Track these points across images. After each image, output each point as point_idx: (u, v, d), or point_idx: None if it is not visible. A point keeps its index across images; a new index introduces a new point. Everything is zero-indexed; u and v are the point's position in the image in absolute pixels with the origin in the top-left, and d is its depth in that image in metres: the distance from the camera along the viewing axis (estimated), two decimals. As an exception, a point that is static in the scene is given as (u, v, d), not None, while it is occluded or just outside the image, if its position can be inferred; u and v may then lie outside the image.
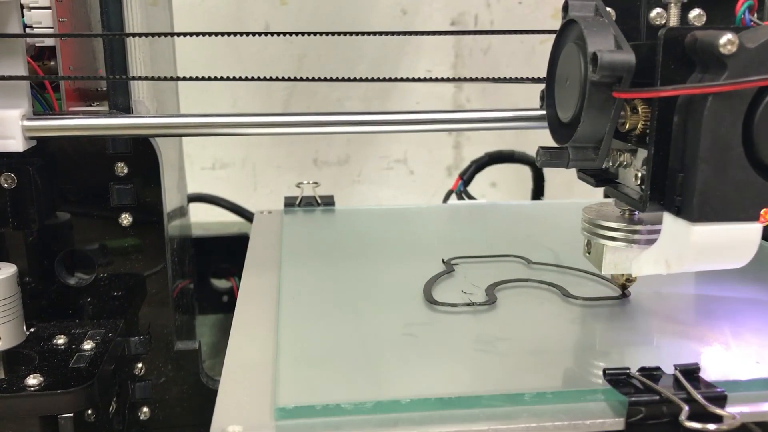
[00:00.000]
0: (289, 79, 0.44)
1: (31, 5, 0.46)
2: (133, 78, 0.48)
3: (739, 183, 0.32)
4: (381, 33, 0.46)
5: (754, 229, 0.33)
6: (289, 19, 1.00)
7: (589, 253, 0.42)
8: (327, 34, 0.44)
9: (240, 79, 0.44)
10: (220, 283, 0.76)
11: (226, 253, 0.74)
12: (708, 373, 0.34)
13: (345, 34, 0.45)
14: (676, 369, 0.34)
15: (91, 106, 0.50)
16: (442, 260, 0.50)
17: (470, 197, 0.74)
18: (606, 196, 0.41)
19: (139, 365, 0.51)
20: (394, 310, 0.44)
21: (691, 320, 0.43)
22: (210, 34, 0.44)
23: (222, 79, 0.44)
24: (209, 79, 0.44)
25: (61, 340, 0.44)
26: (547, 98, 0.40)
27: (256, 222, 0.64)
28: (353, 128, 0.46)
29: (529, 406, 0.33)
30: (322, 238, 0.59)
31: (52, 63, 0.48)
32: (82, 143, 0.48)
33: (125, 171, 0.48)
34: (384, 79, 0.47)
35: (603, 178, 0.40)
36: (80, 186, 0.48)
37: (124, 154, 0.48)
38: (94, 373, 0.41)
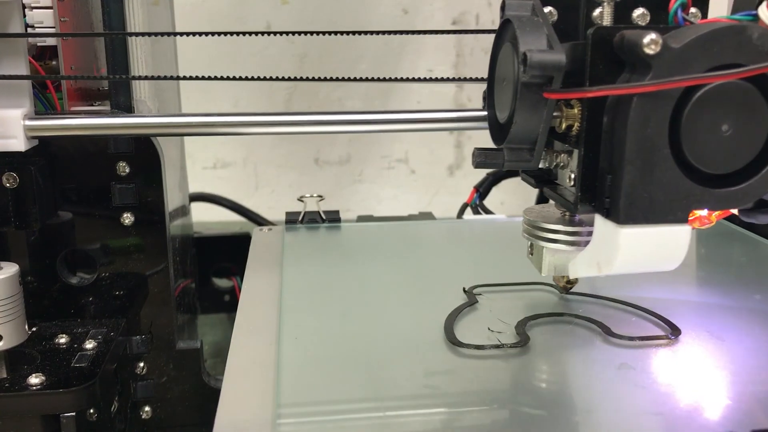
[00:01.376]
0: (291, 78, 0.44)
1: (32, 5, 0.46)
2: (135, 78, 0.48)
3: (667, 184, 0.32)
4: (382, 32, 0.46)
5: (684, 231, 0.32)
6: (291, 19, 1.00)
7: (531, 255, 0.41)
8: (328, 33, 0.44)
9: (241, 78, 0.43)
10: (222, 283, 0.76)
11: (228, 253, 0.74)
12: None
13: (346, 33, 0.45)
14: None
15: (92, 105, 0.50)
16: (464, 289, 0.47)
17: (487, 211, 0.70)
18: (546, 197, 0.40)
19: (141, 364, 0.51)
20: (412, 352, 0.39)
21: (759, 364, 0.38)
22: (211, 33, 0.44)
23: (223, 78, 0.44)
24: (211, 78, 0.44)
25: (62, 340, 0.44)
26: (488, 99, 0.39)
27: (254, 241, 0.59)
28: (354, 127, 0.46)
29: None
30: (328, 261, 0.54)
31: (54, 63, 0.48)
32: (83, 143, 0.48)
33: (127, 170, 0.48)
34: (385, 79, 0.47)
35: (544, 179, 0.39)
36: (82, 185, 0.48)
37: (126, 154, 0.48)
38: (96, 373, 0.41)
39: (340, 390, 0.36)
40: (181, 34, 0.45)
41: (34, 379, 0.39)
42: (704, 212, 0.39)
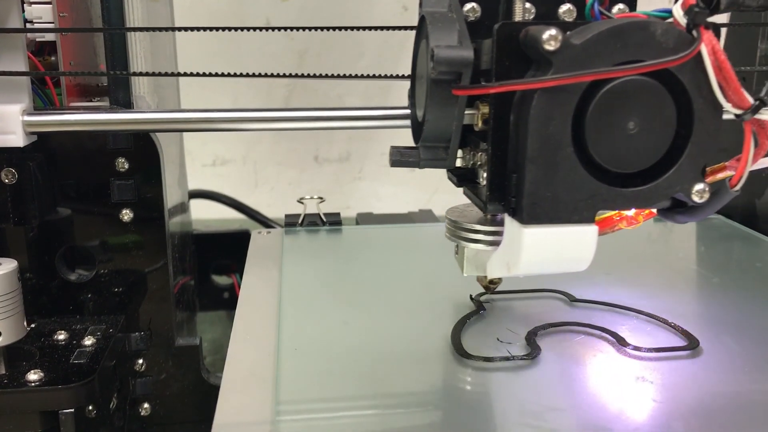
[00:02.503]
0: (290, 75, 0.44)
1: (31, 0, 0.45)
2: (134, 74, 0.48)
3: (571, 184, 0.31)
4: (382, 28, 0.46)
5: (590, 231, 0.32)
6: (290, 15, 1.00)
7: (457, 254, 0.41)
8: (328, 29, 0.44)
9: (241, 75, 0.43)
10: (221, 280, 0.76)
11: (227, 250, 0.74)
12: None
13: (346, 29, 0.45)
14: None
15: (91, 101, 0.50)
16: (470, 296, 0.46)
17: None
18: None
19: (140, 361, 0.51)
20: (417, 365, 0.38)
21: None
22: (210, 29, 0.43)
23: (223, 75, 0.43)
24: (210, 75, 0.44)
25: (61, 336, 0.44)
26: (410, 97, 0.39)
27: (252, 245, 0.57)
28: (354, 124, 0.46)
29: None
30: (328, 268, 0.53)
31: (53, 58, 0.48)
32: (82, 139, 0.47)
33: (126, 167, 0.48)
34: (385, 77, 0.47)
35: (467, 178, 0.38)
36: (81, 181, 0.48)
37: (125, 150, 0.48)
38: (95, 369, 0.41)
39: (339, 391, 0.35)
40: (181, 29, 0.45)
41: (33, 376, 0.39)
42: (631, 212, 0.39)
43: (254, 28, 0.44)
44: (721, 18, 0.48)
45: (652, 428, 0.33)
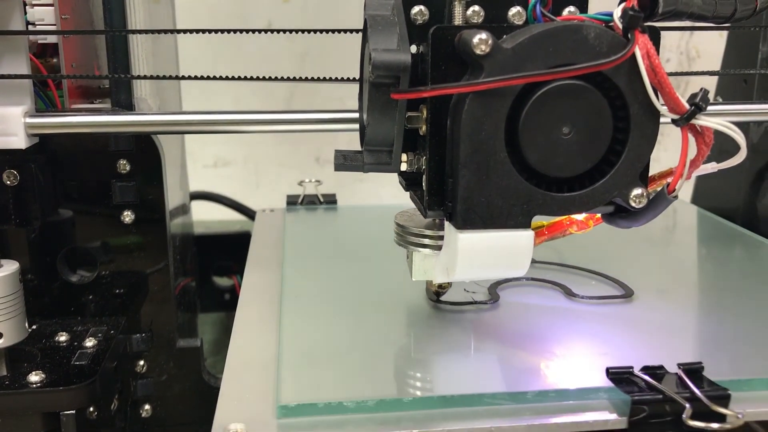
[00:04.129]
0: (292, 79, 0.44)
1: (33, 2, 0.46)
2: (136, 77, 0.48)
3: (505, 189, 0.31)
4: (383, 31, 0.46)
5: (525, 236, 0.32)
6: (292, 17, 1.00)
7: (408, 258, 0.41)
8: (329, 31, 0.44)
9: (242, 78, 0.43)
10: (222, 281, 0.76)
11: (228, 251, 0.74)
12: (712, 372, 0.34)
13: (347, 31, 0.45)
14: (679, 368, 0.34)
15: (93, 103, 0.50)
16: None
17: None
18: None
19: (141, 362, 0.51)
20: (397, 308, 0.44)
21: (695, 318, 0.44)
22: (212, 31, 0.44)
23: (224, 78, 0.44)
24: (211, 78, 0.44)
25: (63, 338, 0.44)
26: (359, 100, 0.39)
27: (258, 220, 0.64)
28: (355, 126, 0.46)
29: (531, 404, 0.33)
30: (325, 237, 0.59)
31: (55, 60, 0.48)
32: (84, 140, 0.48)
33: (127, 168, 0.48)
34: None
35: (416, 182, 0.37)
36: (82, 183, 0.48)
37: (127, 152, 0.48)
38: (96, 371, 0.41)
39: (339, 379, 0.36)
40: (182, 31, 0.45)
41: (34, 377, 0.39)
42: (581, 216, 0.39)
43: (256, 31, 0.44)
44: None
45: (582, 351, 0.39)
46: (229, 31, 0.44)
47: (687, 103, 0.31)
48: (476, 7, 0.33)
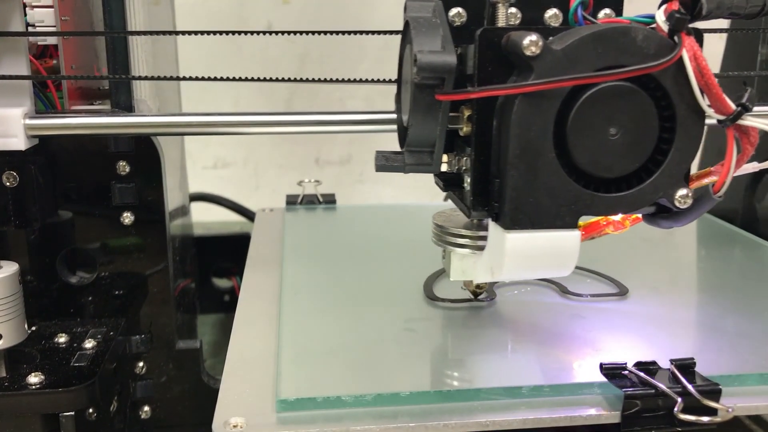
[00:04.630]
0: (291, 80, 0.44)
1: (33, 4, 0.46)
2: (136, 78, 0.48)
3: (553, 189, 0.31)
4: (383, 32, 0.46)
5: (572, 236, 0.32)
6: (292, 19, 1.00)
7: (444, 258, 0.41)
8: (329, 33, 0.44)
9: (242, 79, 0.43)
10: (222, 283, 0.76)
11: (228, 253, 0.74)
12: (704, 368, 0.35)
13: (347, 33, 0.45)
14: (672, 363, 0.34)
15: (93, 104, 0.50)
16: (443, 256, 0.50)
17: None
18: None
19: (141, 364, 0.51)
20: (395, 306, 0.44)
21: (688, 316, 0.44)
22: (212, 32, 0.44)
23: (224, 79, 0.44)
24: (211, 79, 0.44)
25: (62, 339, 0.44)
26: (396, 101, 0.39)
27: (257, 220, 0.64)
28: (355, 127, 0.46)
29: (526, 399, 0.34)
30: (324, 236, 0.59)
31: (55, 61, 0.48)
32: (84, 142, 0.48)
33: (127, 170, 0.48)
34: (387, 81, 0.47)
35: (453, 182, 0.38)
36: (82, 185, 0.48)
37: (126, 153, 0.48)
38: (96, 372, 0.41)
39: (338, 374, 0.37)
40: (182, 33, 0.45)
41: (34, 378, 0.39)
42: (618, 217, 0.39)
43: (256, 32, 0.44)
44: (722, 23, 0.48)
45: (576, 347, 0.40)
46: (228, 32, 0.44)
47: (733, 104, 0.31)
48: (513, 9, 0.33)
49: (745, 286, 0.48)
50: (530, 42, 0.29)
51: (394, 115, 0.46)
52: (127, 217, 0.49)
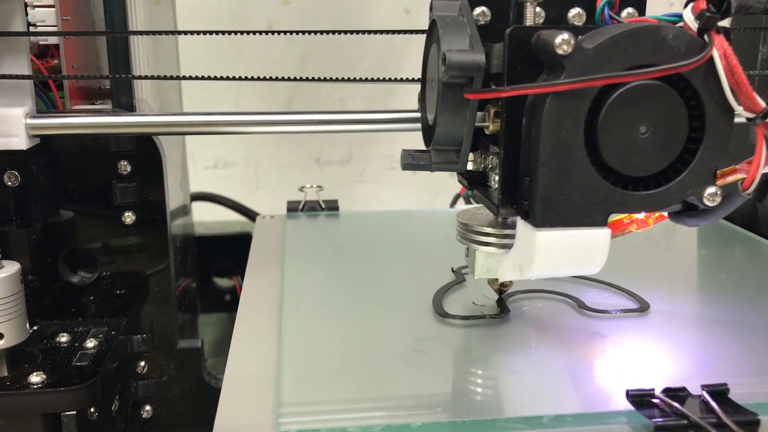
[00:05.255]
0: (292, 79, 0.44)
1: (34, 3, 0.46)
2: (137, 77, 0.48)
3: (584, 187, 0.31)
4: (384, 32, 0.46)
5: (602, 234, 0.32)
6: (292, 19, 1.00)
7: (467, 257, 0.41)
8: (329, 33, 0.44)
9: (242, 78, 0.44)
10: (223, 282, 0.76)
11: (229, 252, 0.74)
12: (738, 394, 0.32)
13: (347, 33, 0.45)
14: (703, 389, 0.32)
15: (94, 104, 0.50)
16: (452, 269, 0.49)
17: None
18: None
19: (142, 363, 0.51)
20: (403, 323, 0.42)
21: (716, 334, 0.41)
22: (213, 32, 0.44)
23: (225, 78, 0.44)
24: (212, 78, 0.44)
25: (64, 338, 0.44)
26: (420, 100, 0.39)
27: (257, 227, 0.62)
28: (356, 127, 0.46)
29: (547, 429, 0.32)
30: (326, 245, 0.57)
31: (56, 61, 0.48)
32: (85, 141, 0.48)
33: (128, 169, 0.48)
34: (387, 80, 0.47)
35: (477, 181, 0.38)
36: (83, 184, 0.48)
37: (128, 153, 0.48)
38: (97, 371, 0.41)
39: (339, 373, 0.36)
40: (183, 32, 0.45)
41: (35, 378, 0.39)
42: (641, 215, 0.39)
43: (256, 32, 0.44)
44: (722, 22, 0.48)
45: (598, 370, 0.37)
46: (229, 32, 0.44)
47: (764, 101, 0.31)
48: (537, 9, 0.34)
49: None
50: (562, 41, 0.30)
51: (394, 114, 0.46)
52: (129, 217, 0.49)
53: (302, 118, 0.45)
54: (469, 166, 0.36)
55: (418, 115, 0.47)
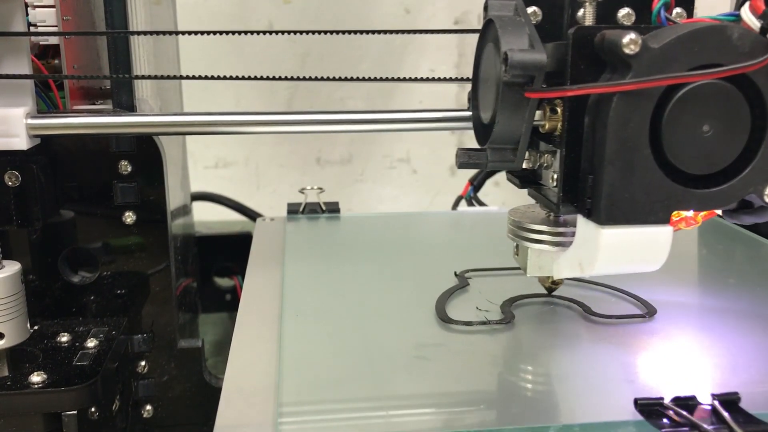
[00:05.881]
0: (293, 78, 0.44)
1: (35, 3, 0.46)
2: (137, 77, 0.48)
3: (648, 185, 0.32)
4: (384, 32, 0.46)
5: (665, 231, 0.32)
6: (292, 18, 1.00)
7: (517, 255, 0.41)
8: (330, 32, 0.44)
9: (243, 78, 0.44)
10: (223, 282, 0.76)
11: (229, 252, 0.74)
12: (749, 403, 0.32)
13: (348, 32, 0.45)
14: (714, 398, 0.32)
15: (94, 104, 0.50)
16: (455, 273, 0.49)
17: (480, 203, 0.72)
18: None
19: (143, 363, 0.51)
20: (406, 329, 0.42)
21: (725, 341, 0.41)
22: (213, 32, 0.44)
23: (225, 78, 0.44)
24: (212, 78, 0.44)
25: (64, 338, 0.44)
26: (472, 99, 0.39)
27: (257, 230, 0.62)
28: (356, 127, 0.46)
29: None
30: (327, 248, 0.57)
31: (56, 61, 0.48)
32: (85, 141, 0.48)
33: (129, 169, 0.48)
34: (387, 79, 0.47)
35: (529, 179, 0.39)
36: (84, 184, 0.48)
37: (128, 153, 0.48)
38: (98, 371, 0.41)
39: (341, 378, 0.36)
40: (183, 32, 0.45)
41: (36, 378, 0.39)
42: (690, 213, 0.39)
43: (257, 32, 0.44)
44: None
45: (605, 377, 0.37)
46: (230, 32, 0.44)
47: None
48: (586, 8, 0.34)
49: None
50: (630, 40, 0.30)
51: (395, 114, 0.46)
52: (129, 217, 0.49)
53: (302, 118, 0.45)
54: (525, 165, 0.36)
55: (417, 115, 0.47)
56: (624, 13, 0.34)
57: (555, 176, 0.35)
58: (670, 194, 0.32)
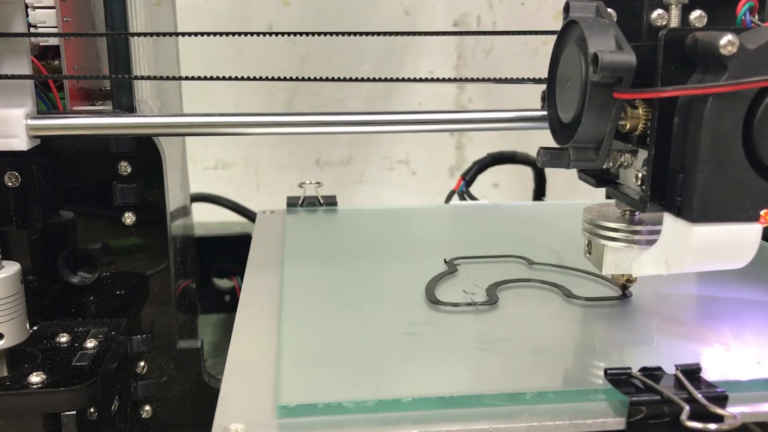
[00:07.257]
0: (292, 79, 0.44)
1: (35, 4, 0.46)
2: (137, 77, 0.48)
3: (739, 184, 0.32)
4: (383, 33, 0.46)
5: (754, 229, 0.33)
6: (292, 20, 1.00)
7: (589, 254, 0.43)
8: (329, 34, 0.45)
9: (243, 78, 0.44)
10: (222, 283, 0.76)
11: (229, 253, 0.74)
12: (709, 374, 0.34)
13: (347, 34, 0.45)
14: (677, 369, 0.34)
15: (94, 105, 0.50)
16: (444, 260, 0.51)
17: (472, 198, 0.74)
18: (608, 196, 0.41)
19: (142, 364, 0.51)
20: (397, 309, 0.44)
21: (692, 320, 0.44)
22: (213, 33, 0.44)
23: (225, 78, 0.44)
24: (212, 78, 0.44)
25: (64, 339, 0.44)
26: (548, 99, 0.40)
27: (258, 222, 0.64)
28: (355, 128, 0.46)
29: (530, 405, 0.34)
30: (325, 238, 0.59)
31: (56, 62, 0.48)
32: (85, 142, 0.48)
33: (128, 170, 0.48)
34: (386, 80, 0.47)
35: (604, 178, 0.40)
36: (84, 185, 0.48)
37: (128, 154, 0.48)
38: (97, 372, 0.41)
39: (339, 379, 0.36)
40: (183, 34, 0.45)
41: (35, 378, 0.39)
42: (762, 211, 0.40)
43: (256, 33, 0.44)
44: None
45: (579, 351, 0.39)
46: (229, 34, 0.44)
47: None
48: (660, 11, 0.35)
49: (749, 288, 0.48)
50: (728, 42, 0.30)
51: (392, 117, 0.46)
52: (129, 218, 0.49)
53: (302, 119, 0.45)
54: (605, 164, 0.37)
55: (417, 116, 0.47)
56: (696, 15, 0.35)
57: (639, 175, 0.35)
58: (761, 193, 0.32)
